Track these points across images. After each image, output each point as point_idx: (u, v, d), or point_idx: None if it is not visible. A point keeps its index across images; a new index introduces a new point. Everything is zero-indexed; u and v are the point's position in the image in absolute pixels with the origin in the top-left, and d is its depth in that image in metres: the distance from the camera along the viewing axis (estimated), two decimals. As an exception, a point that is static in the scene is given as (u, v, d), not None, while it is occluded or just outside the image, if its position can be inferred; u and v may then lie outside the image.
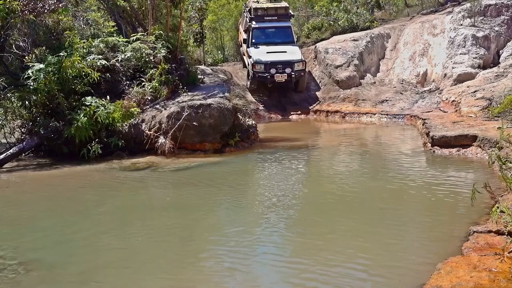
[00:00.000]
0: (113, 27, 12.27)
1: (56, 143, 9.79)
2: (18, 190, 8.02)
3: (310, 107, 16.33)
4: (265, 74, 15.86)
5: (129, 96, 10.47)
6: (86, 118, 9.49)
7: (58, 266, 4.75)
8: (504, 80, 12.77)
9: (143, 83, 10.78)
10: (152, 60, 11.20)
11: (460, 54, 15.17)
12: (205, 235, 5.69)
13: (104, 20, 12.87)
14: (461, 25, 16.01)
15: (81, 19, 12.46)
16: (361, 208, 6.29)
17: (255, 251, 5.07)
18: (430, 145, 9.44)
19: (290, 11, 17.83)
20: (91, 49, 10.72)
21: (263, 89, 16.45)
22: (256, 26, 17.04)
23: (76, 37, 10.70)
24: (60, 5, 10.95)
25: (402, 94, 15.48)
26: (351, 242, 5.16)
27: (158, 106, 10.40)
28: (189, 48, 17.30)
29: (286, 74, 15.78)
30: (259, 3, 17.66)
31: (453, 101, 12.85)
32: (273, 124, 14.98)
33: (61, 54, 9.81)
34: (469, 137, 9.01)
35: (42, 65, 9.67)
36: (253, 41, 16.88)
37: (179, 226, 5.94)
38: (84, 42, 10.67)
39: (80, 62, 9.91)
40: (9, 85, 9.93)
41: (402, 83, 16.11)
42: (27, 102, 10.06)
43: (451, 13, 17.01)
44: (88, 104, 9.73)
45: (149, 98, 10.61)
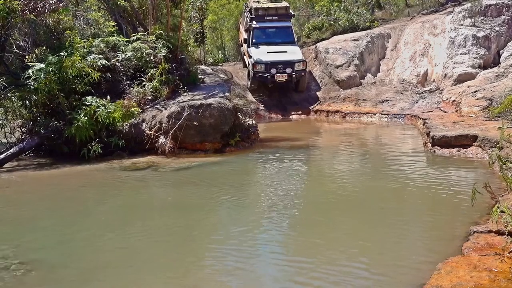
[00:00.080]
0: (114, 26, 12.26)
1: (56, 142, 9.78)
2: (18, 189, 8.02)
3: (311, 107, 16.33)
4: (265, 74, 15.85)
5: (129, 96, 10.47)
6: (86, 118, 9.50)
7: (58, 266, 4.76)
8: (504, 80, 12.77)
9: (143, 83, 10.78)
10: (153, 60, 11.20)
11: (461, 54, 15.16)
12: (207, 235, 5.69)
13: (105, 19, 12.87)
14: (461, 25, 16.01)
15: (81, 18, 12.46)
16: (362, 207, 6.30)
17: (258, 250, 5.07)
18: (430, 145, 9.44)
19: (290, 11, 17.84)
20: (92, 48, 10.72)
21: (263, 89, 16.46)
22: (257, 26, 17.04)
23: (76, 36, 10.70)
24: (61, 4, 10.95)
25: (402, 94, 15.49)
26: (352, 241, 5.17)
27: (158, 106, 10.41)
28: (189, 48, 17.37)
29: (286, 74, 15.78)
30: (259, 3, 17.65)
31: (453, 101, 12.85)
32: (273, 124, 14.98)
33: (61, 53, 9.82)
34: (469, 137, 9.01)
35: (42, 65, 9.67)
36: (254, 41, 16.88)
37: (180, 225, 5.94)
38: (84, 42, 10.67)
39: (80, 61, 9.91)
40: (9, 84, 9.93)
41: (403, 83, 16.11)
42: (27, 101, 10.06)
43: (451, 13, 17.00)
44: (89, 103, 9.74)
45: (150, 98, 10.62)
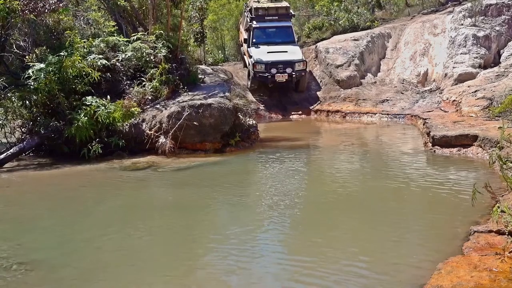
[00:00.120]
0: (114, 26, 12.26)
1: (56, 142, 9.78)
2: (18, 189, 8.02)
3: (311, 107, 16.32)
4: (265, 74, 15.85)
5: (129, 95, 10.47)
6: (86, 118, 9.50)
7: (58, 266, 4.75)
8: (505, 79, 12.76)
9: (143, 83, 10.78)
10: (153, 60, 11.20)
11: (461, 53, 15.16)
12: (207, 235, 5.69)
13: (105, 19, 12.86)
14: (462, 24, 16.00)
15: (81, 18, 12.45)
16: (362, 207, 6.30)
17: (258, 249, 5.07)
18: (430, 144, 9.43)
19: (290, 11, 17.82)
20: (92, 48, 10.72)
21: (263, 88, 16.45)
22: (257, 26, 17.03)
23: (76, 36, 10.70)
24: (61, 4, 10.94)
25: (402, 93, 15.48)
26: (352, 241, 5.17)
27: (158, 106, 10.41)
28: (189, 47, 17.34)
29: (286, 74, 15.78)
30: (260, 2, 17.63)
31: (453, 100, 12.84)
32: (273, 124, 14.98)
33: (61, 53, 9.82)
34: (469, 137, 9.00)
35: (42, 65, 9.67)
36: (254, 40, 16.87)
37: (180, 225, 5.94)
38: (84, 42, 10.67)
39: (80, 61, 9.91)
40: (9, 84, 9.93)
41: (403, 83, 16.10)
42: (27, 101, 10.06)
43: (452, 13, 16.99)
44: (89, 103, 9.74)
45: (150, 97, 10.61)
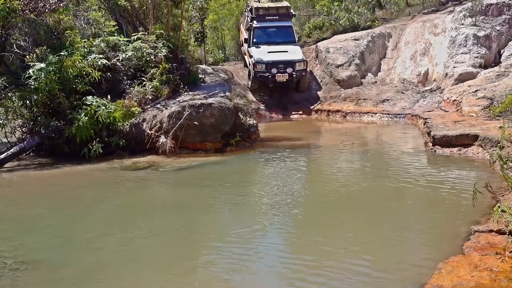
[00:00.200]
0: (114, 26, 12.25)
1: (57, 142, 9.79)
2: (19, 189, 8.03)
3: (311, 106, 16.31)
4: (266, 74, 15.84)
5: (130, 95, 10.47)
6: (87, 118, 9.50)
7: (59, 265, 4.75)
8: (505, 79, 12.75)
9: (144, 83, 10.78)
10: (153, 60, 11.20)
11: (461, 53, 15.14)
12: (208, 234, 5.70)
13: (105, 19, 12.85)
14: (462, 24, 15.99)
15: (82, 18, 12.45)
16: (363, 207, 6.30)
17: (259, 249, 5.08)
18: (431, 144, 9.43)
19: (291, 11, 17.80)
20: (92, 48, 10.73)
21: (264, 88, 16.43)
22: (257, 25, 17.01)
23: (77, 36, 10.71)
24: (61, 4, 10.94)
25: (403, 93, 15.47)
26: (354, 240, 5.18)
27: (159, 106, 10.41)
28: (190, 47, 17.35)
29: (287, 73, 15.76)
30: (260, 2, 17.62)
31: (454, 100, 12.83)
32: (274, 123, 14.97)
33: (62, 53, 9.82)
34: (470, 137, 9.00)
35: (43, 65, 9.67)
36: (254, 40, 16.86)
37: (180, 225, 5.94)
38: (85, 42, 10.67)
39: (81, 61, 9.91)
40: (10, 84, 9.93)
41: (403, 83, 16.09)
42: (28, 101, 10.07)
43: (452, 13, 16.98)
44: (89, 103, 9.74)
45: (150, 97, 10.61)
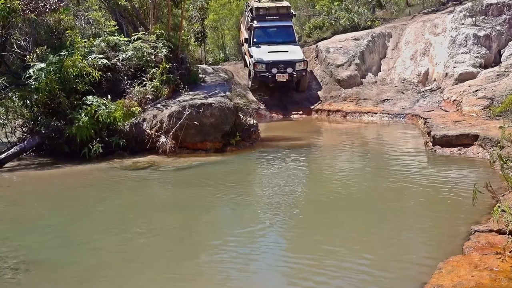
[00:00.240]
0: (114, 26, 12.26)
1: (57, 142, 9.79)
2: (19, 189, 8.03)
3: (312, 106, 16.30)
4: (266, 74, 15.83)
5: (130, 95, 10.47)
6: (87, 117, 9.50)
7: (59, 265, 4.76)
8: (505, 79, 12.75)
9: (144, 82, 10.78)
10: (153, 59, 11.20)
11: (462, 53, 15.14)
12: (208, 234, 5.70)
13: (105, 19, 12.85)
14: (462, 24, 15.98)
15: (82, 18, 12.45)
16: (363, 207, 6.30)
17: (260, 248, 5.09)
18: (431, 144, 9.43)
19: (291, 11, 17.79)
20: (92, 48, 10.73)
21: (264, 88, 16.41)
22: (258, 25, 17.01)
23: (77, 36, 10.71)
24: (61, 4, 10.94)
25: (403, 93, 15.46)
26: (354, 239, 5.18)
27: (159, 105, 10.41)
28: (190, 47, 17.34)
29: (287, 73, 15.75)
30: (260, 2, 17.61)
31: (454, 100, 12.83)
32: (274, 123, 14.96)
33: (62, 53, 9.83)
34: (470, 137, 9.00)
35: (43, 64, 9.67)
36: (255, 40, 16.85)
37: (180, 225, 5.95)
38: (85, 41, 10.68)
39: (81, 61, 9.91)
40: (10, 84, 9.93)
41: (404, 82, 16.08)
42: (28, 101, 10.06)
43: (452, 12, 16.97)
44: (90, 103, 9.74)
45: (150, 97, 10.62)
